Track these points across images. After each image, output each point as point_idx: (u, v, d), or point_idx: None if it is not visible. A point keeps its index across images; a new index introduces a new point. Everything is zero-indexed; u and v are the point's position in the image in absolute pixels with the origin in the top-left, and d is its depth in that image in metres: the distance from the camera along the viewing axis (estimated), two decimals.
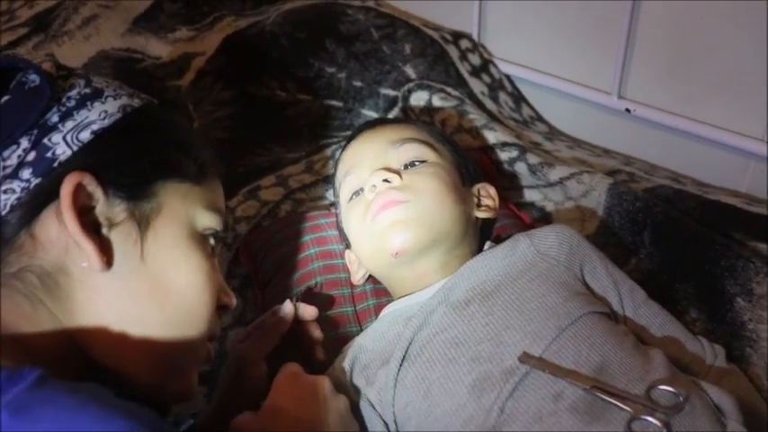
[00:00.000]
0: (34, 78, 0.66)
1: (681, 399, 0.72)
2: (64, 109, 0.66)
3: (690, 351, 0.88)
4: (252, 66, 1.52)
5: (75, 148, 0.65)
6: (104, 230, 0.66)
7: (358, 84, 1.44)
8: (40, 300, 0.64)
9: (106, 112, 0.68)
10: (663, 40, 1.29)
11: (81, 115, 0.67)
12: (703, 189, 1.19)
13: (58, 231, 0.64)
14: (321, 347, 0.91)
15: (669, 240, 1.05)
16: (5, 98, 0.65)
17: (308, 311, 0.90)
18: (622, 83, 1.36)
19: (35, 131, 0.64)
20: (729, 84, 1.25)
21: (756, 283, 0.96)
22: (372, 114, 1.42)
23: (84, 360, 0.67)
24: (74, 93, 0.68)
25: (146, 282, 0.68)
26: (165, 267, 0.69)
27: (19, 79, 0.66)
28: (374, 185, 0.89)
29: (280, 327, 0.88)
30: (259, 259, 1.12)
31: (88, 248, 0.63)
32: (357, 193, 0.93)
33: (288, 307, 0.89)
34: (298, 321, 0.90)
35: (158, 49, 1.55)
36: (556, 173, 1.19)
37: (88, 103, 0.68)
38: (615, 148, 1.42)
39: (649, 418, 0.70)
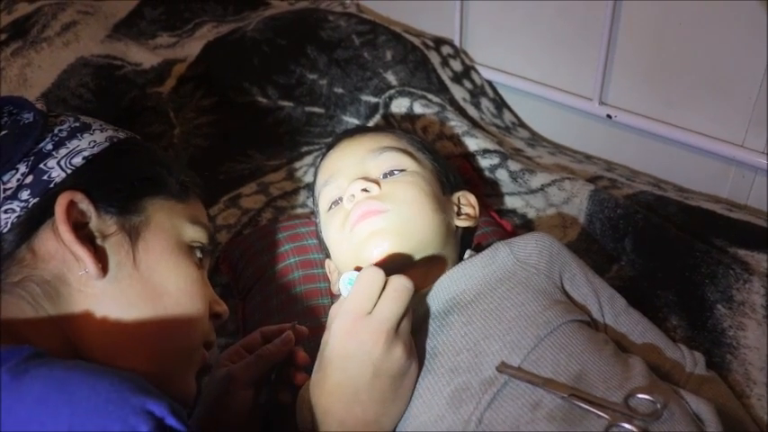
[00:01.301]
0: (28, 116, 0.75)
1: (659, 406, 0.72)
2: (57, 139, 0.74)
3: (670, 358, 0.88)
4: (233, 72, 1.52)
5: (68, 172, 0.73)
6: (98, 241, 0.73)
7: (339, 90, 1.43)
8: (42, 306, 0.70)
9: (95, 141, 0.76)
10: (643, 46, 1.29)
11: (72, 144, 0.75)
12: (684, 195, 1.19)
13: (55, 245, 0.70)
14: (303, 370, 0.89)
15: (650, 247, 1.05)
16: (3, 132, 0.73)
17: (305, 332, 0.91)
18: (603, 89, 1.36)
19: (32, 158, 0.72)
20: (709, 90, 1.25)
21: (736, 289, 0.96)
22: (354, 121, 1.41)
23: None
24: (65, 126, 0.76)
25: (140, 287, 0.74)
26: (157, 274, 0.75)
27: (13, 118, 0.75)
28: (353, 195, 0.88)
29: (279, 355, 0.88)
30: (239, 268, 1.12)
31: (83, 255, 0.70)
32: (336, 202, 0.92)
33: (290, 338, 0.88)
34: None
35: (139, 55, 1.54)
36: (537, 180, 1.19)
37: (78, 134, 0.76)
38: (597, 153, 1.42)
39: (627, 425, 0.70)
